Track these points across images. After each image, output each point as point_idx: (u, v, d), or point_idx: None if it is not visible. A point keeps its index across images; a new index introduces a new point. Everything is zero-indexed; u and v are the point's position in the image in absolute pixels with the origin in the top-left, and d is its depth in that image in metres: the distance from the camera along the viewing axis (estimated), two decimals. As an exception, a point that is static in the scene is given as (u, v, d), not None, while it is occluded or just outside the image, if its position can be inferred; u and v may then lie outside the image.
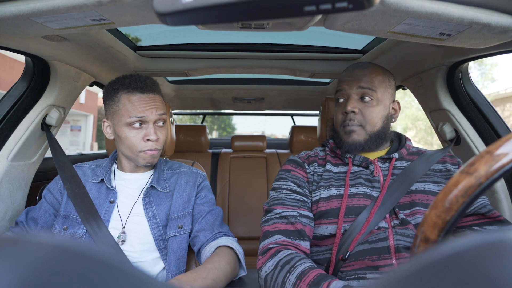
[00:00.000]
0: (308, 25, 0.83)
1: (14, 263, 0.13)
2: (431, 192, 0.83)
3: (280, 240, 0.78)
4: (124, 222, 0.92)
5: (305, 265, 0.70)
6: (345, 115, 0.90)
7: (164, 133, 0.96)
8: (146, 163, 0.94)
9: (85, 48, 1.12)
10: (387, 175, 0.86)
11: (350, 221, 0.81)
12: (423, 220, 0.40)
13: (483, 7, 0.70)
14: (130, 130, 0.90)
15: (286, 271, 0.70)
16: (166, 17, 0.31)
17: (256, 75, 1.97)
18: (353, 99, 0.89)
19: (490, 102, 1.18)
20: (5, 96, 1.13)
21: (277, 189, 0.90)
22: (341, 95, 0.92)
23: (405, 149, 0.92)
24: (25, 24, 0.74)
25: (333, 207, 0.83)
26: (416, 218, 0.79)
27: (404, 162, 0.90)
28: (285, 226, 0.81)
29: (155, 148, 0.93)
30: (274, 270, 0.73)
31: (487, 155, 0.37)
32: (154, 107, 0.91)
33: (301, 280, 0.67)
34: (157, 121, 0.93)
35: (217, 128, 24.50)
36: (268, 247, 0.78)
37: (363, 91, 0.88)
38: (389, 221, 0.80)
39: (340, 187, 0.86)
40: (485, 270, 0.13)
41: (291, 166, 0.94)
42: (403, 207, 0.82)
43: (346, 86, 0.90)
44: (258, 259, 0.79)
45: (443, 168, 0.89)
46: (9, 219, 1.09)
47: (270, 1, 0.28)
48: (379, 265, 0.75)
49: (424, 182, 0.85)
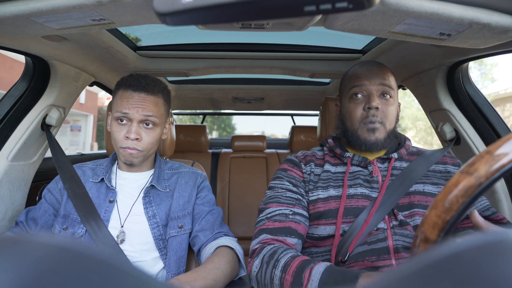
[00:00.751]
0: (308, 25, 0.83)
1: (14, 263, 0.13)
2: (430, 193, 0.82)
3: (264, 238, 0.78)
4: (123, 221, 0.92)
5: (287, 256, 0.69)
6: (367, 111, 0.85)
7: (151, 135, 0.93)
8: (125, 161, 0.93)
9: (85, 48, 1.12)
10: (386, 175, 0.85)
11: (348, 222, 0.80)
12: (423, 220, 0.40)
13: (483, 7, 0.70)
14: (115, 125, 0.92)
15: (272, 267, 0.69)
16: (166, 17, 0.31)
17: (256, 75, 1.97)
18: (375, 95, 0.85)
19: (490, 102, 1.18)
20: (5, 96, 1.13)
21: (273, 188, 0.89)
22: (360, 90, 0.87)
23: (404, 149, 0.91)
24: (25, 24, 0.74)
25: (332, 208, 0.82)
26: (414, 219, 0.79)
27: (403, 162, 0.89)
28: (273, 224, 0.80)
29: (133, 147, 0.91)
30: (261, 268, 0.72)
31: (487, 155, 0.37)
32: (141, 106, 0.90)
33: (286, 273, 0.66)
34: (143, 121, 0.92)
35: (217, 128, 24.50)
36: (253, 248, 0.78)
37: (384, 88, 0.86)
38: (387, 222, 0.79)
39: (339, 187, 0.85)
40: (485, 270, 0.13)
41: (288, 166, 0.93)
42: (402, 208, 0.81)
43: (366, 81, 0.86)
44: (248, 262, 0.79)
45: (443, 169, 0.88)
46: (9, 219, 1.09)
47: (270, 1, 0.28)
48: (379, 265, 0.74)
49: (423, 183, 0.84)
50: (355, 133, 0.88)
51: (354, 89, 0.88)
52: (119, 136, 0.91)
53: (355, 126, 0.88)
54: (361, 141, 0.86)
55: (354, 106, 0.88)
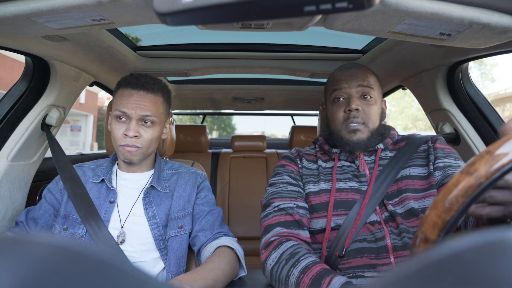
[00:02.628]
0: (308, 25, 0.83)
1: (14, 263, 0.13)
2: (416, 176, 0.85)
3: (281, 232, 0.80)
4: (123, 222, 0.92)
5: (309, 260, 0.72)
6: (347, 113, 0.89)
7: (150, 133, 0.94)
8: (124, 159, 0.93)
9: (85, 48, 1.12)
10: (374, 167, 0.88)
11: (339, 214, 0.82)
12: (423, 220, 0.40)
13: (483, 7, 0.70)
14: (115, 123, 0.93)
15: (291, 265, 0.72)
16: (166, 17, 0.31)
17: (256, 75, 1.97)
18: (355, 97, 0.89)
19: (490, 102, 1.18)
20: (5, 96, 1.13)
21: (274, 184, 0.92)
22: (340, 93, 0.91)
23: (389, 139, 0.93)
24: (25, 24, 0.74)
25: (323, 201, 0.85)
26: (405, 205, 0.81)
27: (388, 152, 0.92)
28: (284, 218, 0.83)
29: (133, 144, 0.91)
30: (278, 263, 0.75)
31: (487, 155, 0.37)
32: (140, 105, 0.91)
33: (304, 274, 0.69)
34: (141, 119, 0.92)
35: (217, 128, 24.49)
36: (270, 240, 0.80)
37: (363, 90, 0.89)
38: (379, 214, 0.82)
39: (329, 181, 0.88)
40: (485, 270, 0.13)
41: (285, 161, 0.96)
42: (391, 196, 0.83)
43: (345, 84, 0.90)
44: (261, 253, 0.81)
45: (426, 147, 0.91)
46: (9, 219, 1.09)
47: (270, 1, 0.28)
48: (377, 263, 0.76)
49: (409, 167, 0.87)
50: (338, 134, 0.91)
51: (335, 93, 0.92)
52: (118, 134, 0.92)
53: (338, 128, 0.92)
54: (344, 141, 0.90)
55: (336, 109, 0.92)
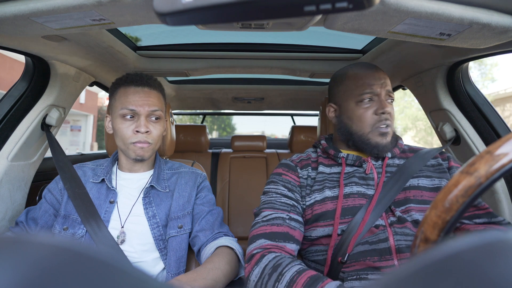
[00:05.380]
0: (308, 25, 0.83)
1: (14, 263, 0.13)
2: (424, 187, 0.83)
3: (264, 244, 0.75)
4: (123, 222, 0.92)
5: (293, 270, 0.65)
6: (379, 115, 0.86)
7: (158, 128, 0.96)
8: (136, 156, 0.94)
9: (85, 48, 1.12)
10: (381, 173, 0.86)
11: (346, 222, 0.80)
12: (423, 220, 0.40)
13: (483, 7, 0.70)
14: (122, 122, 0.93)
15: (275, 281, 0.65)
16: (166, 17, 0.31)
17: (256, 75, 1.97)
18: (385, 100, 0.86)
19: (490, 102, 1.18)
20: (5, 96, 1.13)
21: (267, 193, 0.88)
22: (371, 95, 0.87)
23: (397, 148, 0.92)
24: (25, 24, 0.74)
25: (328, 209, 0.82)
26: (411, 215, 0.79)
27: (396, 160, 0.91)
28: (271, 228, 0.78)
29: (144, 140, 0.93)
30: (261, 279, 0.68)
31: (487, 155, 0.37)
32: (147, 101, 0.93)
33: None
34: (149, 115, 0.94)
35: (217, 128, 24.49)
36: (252, 253, 0.75)
37: (389, 93, 0.88)
38: (385, 219, 0.79)
39: (334, 188, 0.85)
40: (485, 270, 0.13)
41: (283, 170, 0.92)
42: (398, 204, 0.82)
43: (377, 87, 0.87)
44: (244, 267, 0.75)
45: (435, 162, 0.90)
46: (9, 219, 1.09)
47: (270, 1, 0.28)
48: (381, 266, 0.74)
49: (417, 177, 0.86)
50: (364, 136, 0.87)
51: (365, 94, 0.87)
52: (127, 132, 0.92)
53: (366, 130, 0.87)
54: (373, 145, 0.86)
55: (364, 110, 0.87)
